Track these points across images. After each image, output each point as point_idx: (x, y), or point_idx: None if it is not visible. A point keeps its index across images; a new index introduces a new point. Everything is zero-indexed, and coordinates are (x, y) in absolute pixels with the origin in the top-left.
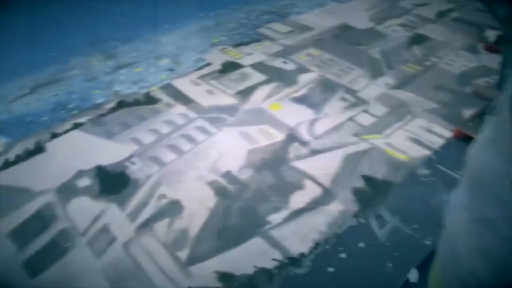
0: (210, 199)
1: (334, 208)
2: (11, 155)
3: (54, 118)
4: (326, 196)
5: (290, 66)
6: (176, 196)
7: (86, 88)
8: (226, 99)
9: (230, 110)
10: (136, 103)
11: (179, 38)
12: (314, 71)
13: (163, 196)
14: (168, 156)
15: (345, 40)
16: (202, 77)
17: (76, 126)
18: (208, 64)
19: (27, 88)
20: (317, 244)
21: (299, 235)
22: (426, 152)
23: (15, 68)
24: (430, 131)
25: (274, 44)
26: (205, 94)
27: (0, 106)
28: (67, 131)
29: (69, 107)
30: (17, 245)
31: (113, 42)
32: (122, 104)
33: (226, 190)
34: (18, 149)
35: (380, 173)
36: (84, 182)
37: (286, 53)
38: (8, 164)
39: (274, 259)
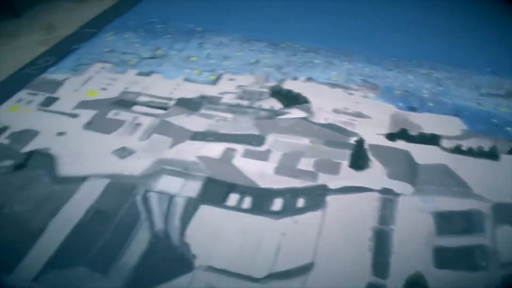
0: None
1: None
2: (463, 143)
3: None
4: None
5: None
6: None
7: None
8: None
9: None
10: None
11: None
12: None
13: None
14: None
15: None
16: None
17: None
18: None
19: (502, 89)
20: None
21: None
22: None
23: (496, 66)
24: None
25: None
26: None
27: (472, 93)
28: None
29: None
30: (437, 230)
31: None
32: None
33: None
34: (472, 143)
35: None
36: None
37: None
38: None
39: None
